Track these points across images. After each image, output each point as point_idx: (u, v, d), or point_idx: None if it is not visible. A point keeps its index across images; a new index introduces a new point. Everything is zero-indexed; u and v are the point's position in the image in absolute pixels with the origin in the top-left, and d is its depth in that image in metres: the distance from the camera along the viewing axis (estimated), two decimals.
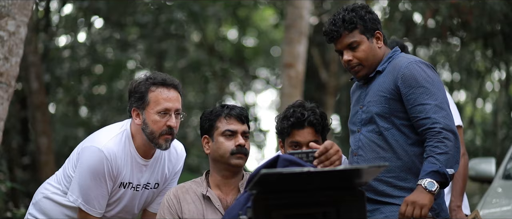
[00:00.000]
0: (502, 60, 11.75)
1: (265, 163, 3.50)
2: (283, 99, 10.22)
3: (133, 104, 4.11)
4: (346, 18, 4.03)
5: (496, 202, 6.09)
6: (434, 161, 3.81)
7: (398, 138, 3.97)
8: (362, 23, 4.04)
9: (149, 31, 14.72)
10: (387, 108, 3.97)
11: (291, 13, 10.24)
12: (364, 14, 4.06)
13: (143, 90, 4.09)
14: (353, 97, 4.24)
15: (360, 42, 4.04)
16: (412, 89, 3.91)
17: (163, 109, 4.06)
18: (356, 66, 4.07)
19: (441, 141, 3.82)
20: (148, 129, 4.06)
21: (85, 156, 4.10)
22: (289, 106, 4.18)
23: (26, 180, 12.54)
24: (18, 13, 5.30)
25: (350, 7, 4.08)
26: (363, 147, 4.03)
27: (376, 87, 4.03)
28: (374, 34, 4.08)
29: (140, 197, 4.28)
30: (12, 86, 5.35)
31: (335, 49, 4.13)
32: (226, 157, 4.05)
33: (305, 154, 3.60)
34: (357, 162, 4.04)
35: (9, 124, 11.31)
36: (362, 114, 4.07)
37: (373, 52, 4.07)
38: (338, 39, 4.06)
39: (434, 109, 3.87)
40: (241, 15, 17.82)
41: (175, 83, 4.13)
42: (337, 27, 4.04)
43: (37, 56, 11.38)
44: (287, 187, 3.22)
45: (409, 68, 3.95)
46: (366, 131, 4.03)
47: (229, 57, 18.74)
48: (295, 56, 10.10)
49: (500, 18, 9.93)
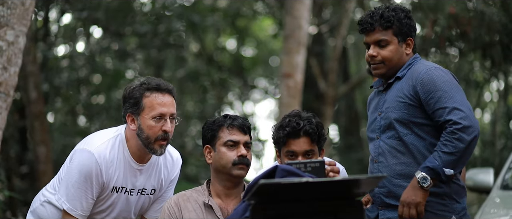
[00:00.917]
0: (501, 71, 11.75)
1: (263, 173, 3.50)
2: (281, 109, 10.23)
3: (128, 110, 4.11)
4: (384, 15, 4.05)
5: (494, 212, 6.09)
6: (437, 158, 3.85)
7: (416, 143, 4.00)
8: (398, 25, 4.06)
9: (148, 41, 14.73)
10: (406, 114, 4.00)
11: (290, 24, 10.26)
12: (402, 17, 4.07)
13: (138, 96, 4.09)
14: (371, 105, 4.25)
15: (389, 42, 4.06)
16: (431, 94, 3.94)
17: (158, 114, 4.06)
18: (378, 63, 4.08)
19: (451, 141, 3.85)
20: (144, 135, 4.06)
21: (76, 158, 4.12)
22: (285, 116, 4.18)
23: (24, 189, 12.53)
24: (17, 23, 5.31)
25: (392, 6, 4.10)
26: (384, 154, 4.06)
27: (395, 93, 4.06)
28: (406, 39, 4.10)
29: (136, 202, 4.26)
30: (11, 95, 5.35)
31: (364, 41, 4.14)
32: (227, 167, 4.05)
33: (303, 164, 3.60)
34: (377, 169, 4.07)
35: (8, 133, 11.30)
36: (380, 121, 4.10)
37: (399, 55, 4.08)
38: (370, 32, 4.07)
39: (454, 112, 3.89)
40: (240, 25, 17.84)
41: (169, 88, 4.12)
42: (373, 20, 4.06)
43: (36, 65, 11.38)
44: (285, 198, 3.22)
45: (428, 73, 3.98)
46: (386, 138, 4.06)
47: (227, 67, 18.75)
48: (294, 66, 10.11)
49: (499, 29, 9.94)
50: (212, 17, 16.03)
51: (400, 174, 4.00)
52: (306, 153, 4.07)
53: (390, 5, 4.12)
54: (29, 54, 10.68)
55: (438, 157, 3.85)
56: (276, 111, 20.04)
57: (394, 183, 4.01)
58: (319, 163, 3.61)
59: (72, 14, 14.60)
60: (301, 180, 3.17)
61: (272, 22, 17.96)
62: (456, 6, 9.74)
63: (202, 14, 15.47)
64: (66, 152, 14.19)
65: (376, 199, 4.09)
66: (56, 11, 14.67)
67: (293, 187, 3.15)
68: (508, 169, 6.72)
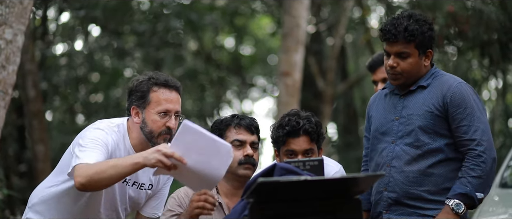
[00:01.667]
0: (499, 69, 11.76)
1: (261, 172, 3.50)
2: (280, 108, 10.23)
3: (133, 103, 4.09)
4: (409, 29, 4.02)
5: (492, 211, 6.10)
6: (466, 183, 3.92)
7: (436, 154, 4.02)
8: (421, 39, 4.05)
9: (146, 40, 14.72)
10: (431, 124, 4.02)
11: (288, 22, 10.26)
12: (426, 31, 4.07)
13: (145, 89, 4.06)
14: (379, 106, 4.25)
15: (411, 54, 4.06)
16: (460, 109, 3.99)
17: (164, 110, 4.03)
18: (397, 74, 4.08)
19: (478, 165, 3.93)
20: (147, 128, 4.04)
21: (89, 130, 4.02)
22: (284, 115, 4.18)
23: (23, 187, 12.52)
24: (16, 21, 5.30)
25: (415, 17, 4.07)
26: (398, 159, 4.07)
27: (421, 101, 4.07)
28: (426, 52, 4.10)
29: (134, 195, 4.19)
30: (9, 94, 5.35)
31: (384, 48, 4.13)
32: (233, 167, 4.02)
33: (302, 163, 3.60)
34: (390, 173, 4.08)
35: (6, 131, 11.29)
36: (399, 126, 4.10)
37: (418, 68, 4.09)
38: (393, 43, 4.06)
39: (480, 133, 3.97)
40: (238, 23, 17.83)
41: (177, 85, 4.11)
42: (397, 31, 4.03)
43: (34, 64, 11.37)
44: (284, 196, 3.22)
45: (459, 88, 4.02)
46: (403, 144, 4.07)
47: (226, 65, 18.74)
48: (292, 64, 10.11)
49: (497, 27, 9.94)
50: (211, 15, 16.02)
51: (413, 181, 4.03)
52: (305, 152, 4.07)
53: (413, 14, 4.09)
54: (27, 52, 10.67)
55: (467, 182, 3.92)
56: (274, 109, 20.04)
57: (405, 190, 4.04)
58: (317, 162, 3.61)
59: (70, 12, 14.59)
60: (299, 178, 3.17)
61: (271, 20, 17.96)
62: (455, 5, 9.74)
63: (201, 12, 15.46)
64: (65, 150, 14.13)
65: (383, 202, 4.11)
66: (54, 10, 14.67)
67: (292, 185, 3.15)
68: (506, 167, 6.73)
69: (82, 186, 3.73)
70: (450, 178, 4.01)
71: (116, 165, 3.69)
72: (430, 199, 4.01)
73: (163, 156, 3.51)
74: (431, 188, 4.01)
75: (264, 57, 19.90)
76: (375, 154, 4.19)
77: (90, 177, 3.71)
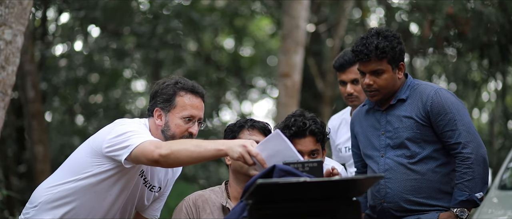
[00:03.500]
0: (498, 71, 11.77)
1: (261, 173, 3.50)
2: (279, 109, 10.23)
3: (158, 105, 4.08)
4: (379, 46, 4.11)
5: (492, 212, 6.10)
6: (464, 189, 4.04)
7: (427, 161, 4.13)
8: (392, 54, 4.14)
9: (146, 41, 14.72)
10: (418, 133, 4.13)
11: (288, 23, 10.26)
12: (396, 46, 4.15)
13: (171, 93, 4.07)
14: (362, 124, 4.34)
15: (385, 71, 4.15)
16: (441, 116, 4.10)
17: (189, 115, 4.04)
18: (374, 91, 4.18)
19: (469, 167, 4.05)
20: (170, 132, 4.03)
21: (118, 122, 4.00)
22: (289, 116, 4.21)
23: (22, 188, 12.54)
24: (15, 22, 5.30)
25: (384, 34, 4.16)
26: (391, 170, 4.16)
27: (403, 114, 4.17)
28: (398, 65, 4.19)
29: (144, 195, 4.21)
30: (9, 94, 5.35)
31: (358, 68, 4.22)
32: (245, 168, 4.04)
33: (301, 164, 3.59)
34: (385, 184, 4.16)
35: (5, 132, 11.31)
36: (386, 140, 4.20)
37: (394, 82, 4.19)
38: (366, 62, 4.15)
39: (464, 135, 4.08)
40: (237, 24, 17.83)
41: (203, 93, 4.13)
42: (369, 51, 4.12)
43: (34, 64, 11.37)
44: (283, 197, 3.22)
45: (437, 95, 4.12)
46: (394, 155, 4.17)
47: (225, 66, 18.74)
48: (292, 65, 10.11)
49: (497, 29, 9.96)
50: (210, 16, 16.02)
51: (411, 190, 4.13)
52: (311, 153, 4.11)
53: (381, 30, 4.17)
54: (27, 53, 10.68)
55: (464, 187, 4.04)
56: (274, 110, 20.05)
57: (404, 198, 4.13)
58: (317, 163, 3.60)
59: (70, 13, 14.59)
60: (298, 180, 3.17)
61: (270, 21, 17.95)
62: (454, 6, 9.75)
63: (200, 13, 15.46)
64: (64, 151, 14.22)
65: (386, 213, 4.18)
66: (54, 10, 14.67)
67: (291, 187, 3.15)
68: (506, 169, 6.72)
69: (162, 157, 3.66)
70: (445, 182, 4.13)
71: (200, 145, 3.63)
72: (430, 203, 4.12)
73: (247, 154, 3.50)
74: (429, 194, 4.12)
75: (263, 58, 19.90)
76: (367, 169, 4.32)
77: (173, 150, 3.65)
